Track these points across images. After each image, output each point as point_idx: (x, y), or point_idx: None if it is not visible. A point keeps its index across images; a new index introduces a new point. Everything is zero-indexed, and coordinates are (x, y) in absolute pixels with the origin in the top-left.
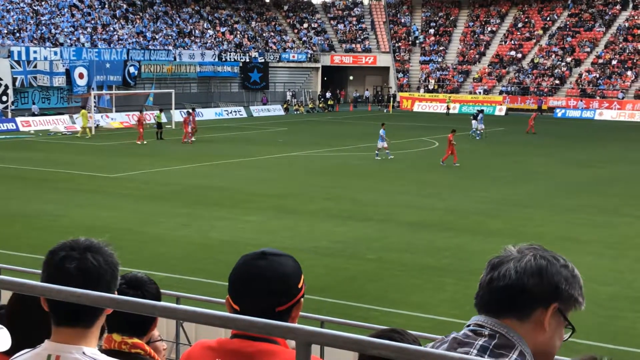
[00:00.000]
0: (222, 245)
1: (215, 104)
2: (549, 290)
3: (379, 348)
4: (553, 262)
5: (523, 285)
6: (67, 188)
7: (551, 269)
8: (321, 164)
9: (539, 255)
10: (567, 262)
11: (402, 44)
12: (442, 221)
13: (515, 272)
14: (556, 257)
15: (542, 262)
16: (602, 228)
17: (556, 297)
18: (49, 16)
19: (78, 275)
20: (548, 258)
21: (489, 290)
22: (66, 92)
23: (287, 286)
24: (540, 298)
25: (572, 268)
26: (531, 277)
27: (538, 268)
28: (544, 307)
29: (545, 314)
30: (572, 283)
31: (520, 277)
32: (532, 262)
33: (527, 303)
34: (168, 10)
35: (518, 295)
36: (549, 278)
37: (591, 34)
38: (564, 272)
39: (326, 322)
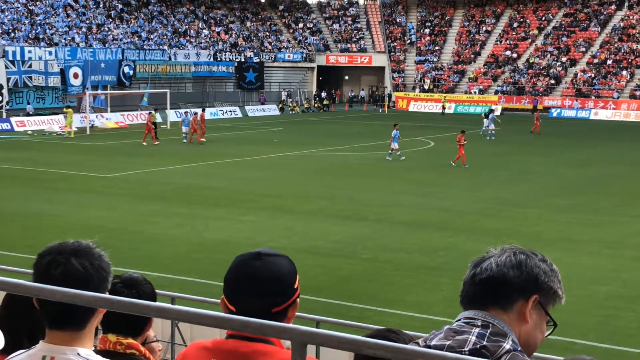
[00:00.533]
0: (218, 245)
1: (210, 104)
2: (528, 280)
3: (374, 348)
4: (531, 257)
5: (503, 276)
6: (62, 188)
7: (530, 262)
8: (317, 163)
9: (518, 251)
10: (545, 258)
11: (398, 44)
12: (438, 221)
13: (497, 265)
14: (535, 252)
15: (521, 256)
16: (599, 228)
17: (536, 289)
18: (44, 16)
19: (63, 280)
20: (527, 253)
21: (472, 284)
22: (61, 92)
23: (283, 287)
24: (521, 289)
25: (550, 263)
26: (511, 269)
27: (517, 261)
28: (524, 298)
29: (526, 305)
30: (550, 276)
31: (500, 270)
32: (512, 256)
33: (508, 293)
34: (163, 10)
35: (500, 286)
36: (528, 270)
37: (586, 33)
38: (542, 265)
39: (321, 322)
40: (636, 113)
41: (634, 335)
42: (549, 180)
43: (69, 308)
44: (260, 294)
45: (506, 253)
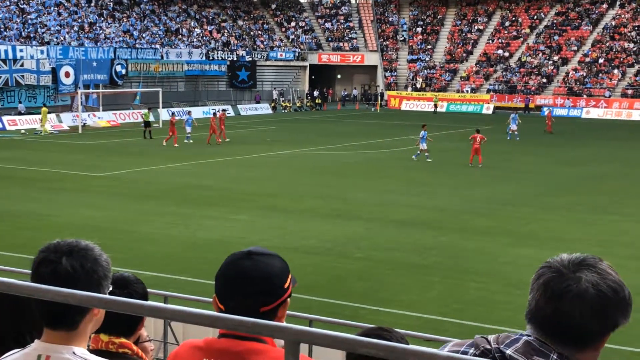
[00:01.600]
0: (211, 245)
1: (202, 103)
2: (609, 328)
3: (367, 347)
4: (614, 299)
5: (587, 328)
6: (54, 187)
7: (614, 310)
8: (310, 162)
9: (599, 287)
10: (624, 288)
11: (390, 43)
12: (431, 220)
13: (580, 314)
14: (615, 287)
15: (604, 300)
16: (590, 226)
17: (614, 329)
18: (36, 15)
19: (50, 279)
20: (608, 292)
21: (550, 323)
22: (52, 90)
23: (272, 286)
24: (600, 335)
25: (628, 295)
26: (595, 319)
27: (602, 309)
28: (602, 338)
29: (602, 343)
30: (627, 312)
31: (584, 320)
32: (595, 299)
33: (588, 340)
34: (155, 9)
35: (582, 334)
36: (611, 319)
37: (578, 32)
38: (622, 306)
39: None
40: (627, 112)
41: (626, 333)
42: (540, 179)
43: (58, 308)
44: (249, 293)
45: (589, 292)
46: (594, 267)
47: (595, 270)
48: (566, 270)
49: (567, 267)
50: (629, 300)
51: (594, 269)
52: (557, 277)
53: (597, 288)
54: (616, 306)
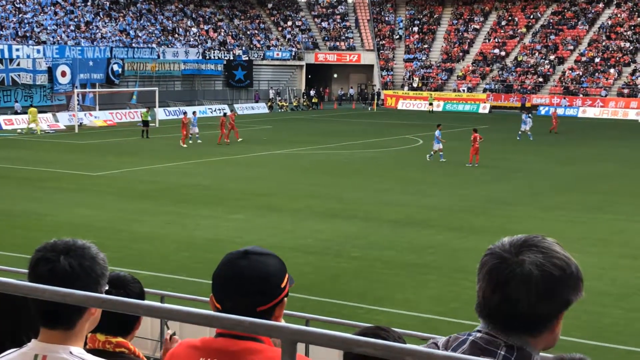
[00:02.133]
0: (207, 244)
1: (199, 102)
2: (561, 307)
3: (364, 346)
4: (561, 276)
5: (538, 312)
6: (50, 186)
7: (562, 288)
8: (306, 162)
9: (544, 267)
10: (570, 263)
11: (386, 42)
12: (426, 219)
13: (528, 298)
14: (560, 264)
15: (550, 279)
16: (586, 225)
17: (567, 306)
18: (32, 14)
19: (49, 278)
20: (553, 270)
21: (500, 313)
22: (49, 90)
23: (269, 286)
24: (555, 316)
25: (576, 269)
26: (545, 301)
27: (550, 290)
28: (556, 318)
29: (557, 323)
30: (578, 287)
31: (533, 304)
32: (541, 281)
33: (541, 324)
34: (151, 8)
35: (534, 319)
36: (562, 297)
37: (574, 31)
38: (571, 282)
39: (311, 320)
40: (624, 111)
41: (621, 332)
42: (536, 178)
43: (55, 307)
44: (246, 292)
45: (533, 274)
46: (537, 247)
47: (539, 250)
48: (508, 255)
49: (509, 251)
50: (577, 274)
51: (537, 249)
52: (499, 263)
53: (541, 268)
54: (565, 283)
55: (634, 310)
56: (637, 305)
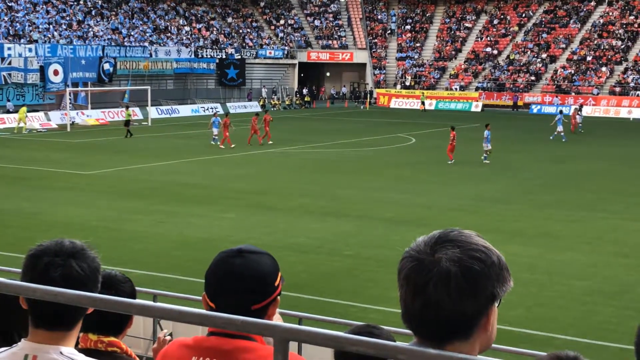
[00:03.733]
0: (200, 243)
1: (191, 101)
2: (487, 302)
3: (356, 344)
4: (482, 269)
5: (464, 312)
6: (42, 185)
7: (485, 281)
8: (298, 160)
9: (462, 262)
10: (489, 254)
11: (379, 41)
12: (419, 217)
13: (450, 299)
14: (479, 256)
15: (471, 274)
16: (579, 223)
17: (494, 300)
18: (24, 12)
19: (62, 283)
20: (473, 264)
21: (424, 321)
22: (41, 89)
23: (263, 284)
24: (483, 312)
25: (498, 258)
26: (468, 299)
27: (472, 286)
28: (485, 315)
29: (488, 321)
30: (503, 278)
31: (456, 304)
32: (461, 278)
33: (470, 325)
34: (144, 7)
35: (460, 322)
36: (486, 291)
37: (566, 30)
38: (494, 273)
39: (304, 318)
40: (615, 109)
41: (613, 330)
42: (529, 176)
43: (62, 309)
44: (240, 291)
45: (452, 271)
46: (452, 242)
47: (455, 244)
48: (424, 256)
49: (424, 251)
50: (500, 265)
51: (452, 244)
52: (416, 266)
53: (459, 263)
54: (487, 275)
55: (626, 308)
56: (629, 303)
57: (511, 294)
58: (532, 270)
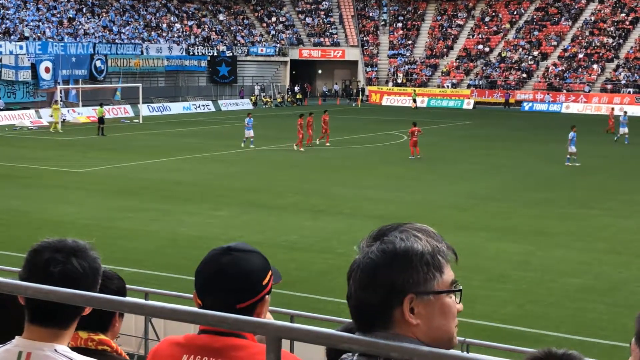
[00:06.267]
0: (192, 241)
1: (183, 98)
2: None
3: (348, 342)
4: (381, 259)
5: (367, 302)
6: (33, 184)
7: (381, 272)
8: (290, 158)
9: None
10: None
11: (371, 38)
12: (412, 214)
13: (355, 290)
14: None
15: (369, 267)
16: (571, 221)
17: (402, 293)
18: (14, 10)
19: (61, 279)
20: (373, 256)
21: (351, 309)
22: (32, 86)
23: (248, 283)
24: (386, 305)
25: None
26: (365, 289)
27: (367, 277)
28: (398, 307)
29: (402, 312)
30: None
31: (359, 293)
32: (362, 268)
33: (381, 315)
34: (134, 4)
35: (369, 312)
36: (382, 282)
37: (558, 27)
38: (395, 264)
39: (296, 316)
40: (607, 107)
41: (605, 327)
42: (521, 173)
43: (58, 306)
44: (225, 289)
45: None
46: (382, 236)
47: (382, 239)
48: (362, 249)
49: (364, 245)
50: (409, 256)
51: (380, 239)
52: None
53: (367, 255)
54: (387, 266)
55: (617, 305)
56: (621, 301)
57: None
58: (524, 267)
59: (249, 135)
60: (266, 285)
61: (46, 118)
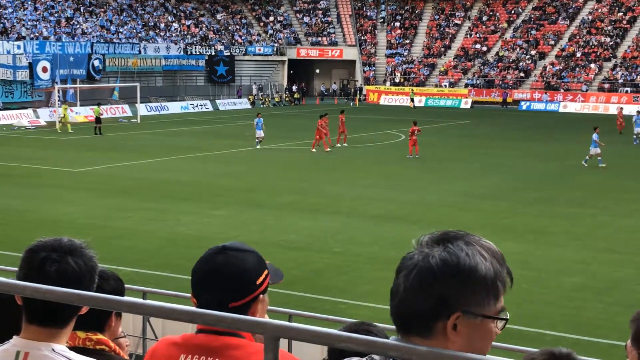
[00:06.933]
0: (189, 240)
1: (181, 98)
2: (437, 306)
3: (346, 341)
4: (440, 272)
5: (414, 308)
6: (31, 183)
7: (437, 283)
8: (288, 157)
9: (431, 259)
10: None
11: (368, 37)
12: (409, 214)
13: (404, 289)
14: (446, 258)
15: (427, 273)
16: (568, 220)
17: (451, 310)
18: (12, 9)
19: (57, 278)
20: (436, 264)
21: (391, 309)
22: (29, 86)
23: (240, 282)
24: (433, 315)
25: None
26: (417, 295)
27: (422, 283)
28: (443, 320)
29: (445, 327)
30: (465, 289)
31: (405, 296)
32: (420, 272)
33: (423, 323)
34: (132, 3)
35: (412, 316)
36: (434, 293)
37: (555, 26)
38: (454, 280)
39: (294, 315)
40: (604, 106)
41: (602, 326)
42: (518, 173)
43: (55, 305)
44: (218, 288)
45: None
46: (447, 242)
47: (446, 245)
48: (419, 250)
49: (424, 244)
50: (471, 276)
51: (445, 244)
52: (405, 258)
53: (428, 260)
54: (444, 280)
55: (614, 304)
56: (617, 299)
57: None
58: (522, 266)
59: (259, 136)
60: (260, 285)
61: (44, 118)
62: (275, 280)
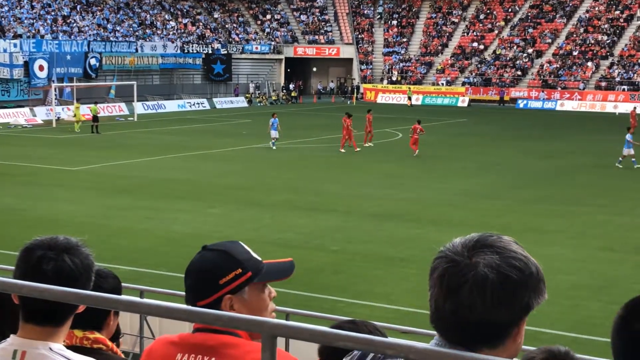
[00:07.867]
0: (186, 238)
1: (178, 96)
2: (523, 313)
3: (345, 340)
4: (520, 278)
5: (495, 320)
6: (28, 182)
7: (522, 291)
8: (285, 156)
9: (500, 268)
10: (529, 264)
11: (365, 36)
12: (406, 212)
13: (483, 305)
14: (519, 265)
15: (508, 283)
16: (564, 218)
17: (527, 312)
18: (8, 7)
19: (54, 277)
20: (511, 272)
21: (454, 324)
22: (26, 84)
23: (203, 282)
24: (515, 322)
25: (536, 269)
26: (502, 307)
27: (507, 294)
28: (516, 325)
29: (519, 331)
30: (539, 289)
31: (489, 311)
32: (498, 285)
33: (500, 333)
34: (129, 2)
35: (491, 329)
36: (521, 301)
37: (552, 25)
38: (531, 284)
39: (291, 314)
40: (601, 104)
41: (599, 324)
42: (515, 171)
43: (52, 304)
44: (187, 287)
45: (489, 277)
46: (491, 247)
47: (494, 250)
48: (461, 258)
49: (460, 253)
50: (538, 276)
51: (491, 249)
52: (451, 267)
53: (497, 270)
54: (524, 285)
55: (611, 302)
56: (614, 298)
57: None
58: None
59: (274, 137)
60: (226, 285)
61: (41, 116)
62: (277, 277)
